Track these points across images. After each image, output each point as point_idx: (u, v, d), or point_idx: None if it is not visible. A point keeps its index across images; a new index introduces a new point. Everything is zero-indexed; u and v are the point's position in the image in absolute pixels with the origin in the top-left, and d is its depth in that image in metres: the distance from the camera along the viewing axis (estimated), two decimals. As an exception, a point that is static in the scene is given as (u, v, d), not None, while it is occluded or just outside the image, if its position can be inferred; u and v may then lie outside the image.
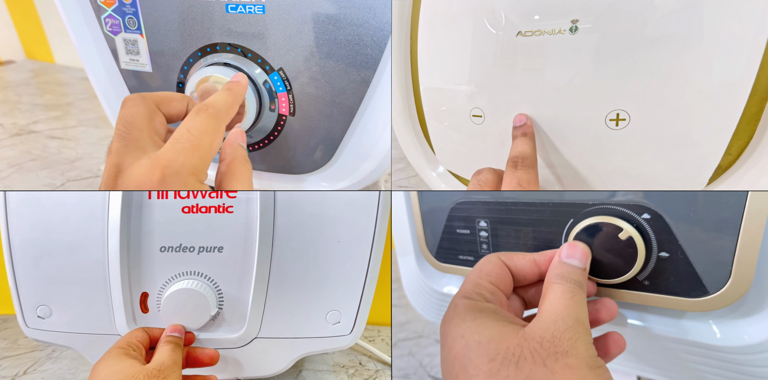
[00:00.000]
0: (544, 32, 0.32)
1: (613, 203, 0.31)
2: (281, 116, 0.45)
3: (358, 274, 0.46)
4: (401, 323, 0.72)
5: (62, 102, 1.11)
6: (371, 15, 0.39)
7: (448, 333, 0.28)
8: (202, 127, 0.33)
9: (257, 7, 0.41)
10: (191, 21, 0.44)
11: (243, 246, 0.45)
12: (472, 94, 0.38)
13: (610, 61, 0.32)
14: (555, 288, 0.28)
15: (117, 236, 0.44)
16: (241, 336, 0.47)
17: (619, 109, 0.33)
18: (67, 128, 0.95)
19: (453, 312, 0.29)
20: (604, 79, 0.32)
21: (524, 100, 0.36)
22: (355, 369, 0.59)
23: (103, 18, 0.47)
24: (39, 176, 0.73)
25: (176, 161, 0.32)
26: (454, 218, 0.42)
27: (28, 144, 0.85)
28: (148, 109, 0.34)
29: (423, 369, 0.62)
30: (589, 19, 0.31)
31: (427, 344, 0.67)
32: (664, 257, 0.30)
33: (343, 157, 0.47)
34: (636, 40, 0.31)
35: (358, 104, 0.43)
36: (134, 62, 0.49)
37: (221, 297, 0.46)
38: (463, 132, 0.42)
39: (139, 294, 0.46)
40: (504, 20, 0.34)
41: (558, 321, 0.26)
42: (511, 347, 0.25)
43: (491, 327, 0.26)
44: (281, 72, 0.43)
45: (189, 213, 0.45)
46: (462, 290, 0.31)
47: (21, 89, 1.21)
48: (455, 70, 0.39)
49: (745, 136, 0.33)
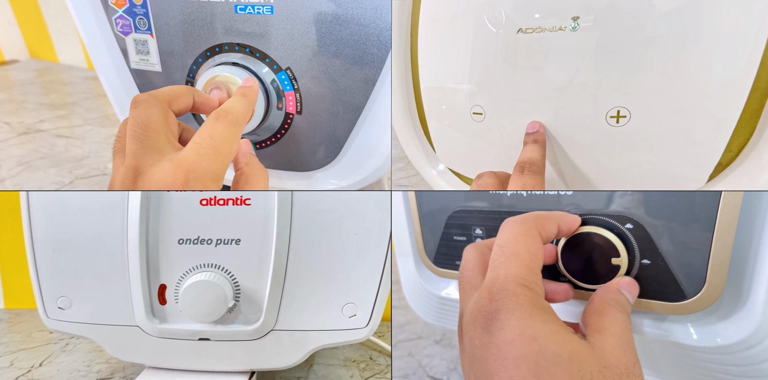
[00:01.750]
0: (545, 29, 0.32)
1: (600, 214, 0.33)
2: (288, 114, 0.46)
3: (376, 267, 0.47)
4: (401, 324, 0.73)
5: (67, 101, 1.12)
6: (377, 15, 0.40)
7: (506, 324, 0.25)
8: (223, 134, 0.34)
9: (266, 7, 0.42)
10: (201, 21, 0.45)
11: (260, 239, 0.46)
12: (473, 93, 0.39)
13: (610, 58, 0.32)
14: (617, 314, 0.28)
15: (136, 228, 0.45)
16: (258, 328, 0.47)
17: (620, 106, 0.33)
18: (73, 127, 0.96)
19: (513, 302, 0.26)
20: (604, 77, 0.32)
21: (525, 98, 0.36)
22: (366, 364, 0.60)
23: (114, 19, 0.49)
24: (48, 174, 0.74)
25: (200, 166, 0.32)
26: (451, 225, 0.43)
27: (36, 142, 0.86)
28: (162, 109, 0.35)
29: (422, 370, 0.63)
30: (590, 17, 0.32)
31: (426, 345, 0.68)
32: (646, 264, 0.32)
33: (348, 155, 0.48)
34: (637, 38, 0.31)
35: (363, 103, 0.44)
36: (144, 62, 0.50)
37: (238, 290, 0.47)
38: (464, 130, 0.42)
39: (158, 286, 0.47)
40: (504, 18, 0.34)
41: (627, 352, 0.26)
42: (595, 372, 0.24)
43: (570, 340, 0.25)
44: (288, 71, 0.44)
45: (207, 206, 0.46)
46: (516, 274, 0.27)
47: (26, 88, 1.22)
48: (456, 69, 0.40)
49: (746, 132, 0.33)
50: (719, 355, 0.31)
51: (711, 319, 0.32)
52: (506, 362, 0.24)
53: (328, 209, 0.46)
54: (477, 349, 0.26)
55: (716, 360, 0.32)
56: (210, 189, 0.33)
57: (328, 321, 0.48)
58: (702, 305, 0.30)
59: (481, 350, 0.26)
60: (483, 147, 0.43)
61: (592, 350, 0.26)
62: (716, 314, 0.32)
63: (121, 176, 0.33)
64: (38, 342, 0.65)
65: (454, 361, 0.64)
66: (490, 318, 0.26)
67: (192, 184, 0.32)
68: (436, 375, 0.61)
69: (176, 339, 0.48)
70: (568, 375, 0.24)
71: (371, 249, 0.46)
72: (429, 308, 0.51)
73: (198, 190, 0.33)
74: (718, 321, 0.32)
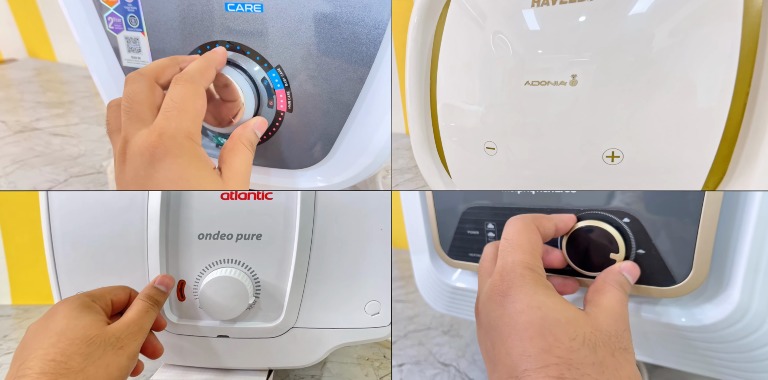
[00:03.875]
0: (549, 83, 0.38)
1: (601, 209, 0.37)
2: (279, 112, 0.47)
3: (389, 259, 0.46)
4: (410, 316, 0.77)
5: (64, 100, 1.13)
6: (367, 13, 0.40)
7: (516, 298, 0.31)
8: (181, 93, 0.37)
9: (255, 5, 0.42)
10: (191, 19, 0.45)
11: (282, 234, 0.44)
12: (489, 134, 0.44)
13: (604, 107, 0.37)
14: (614, 292, 0.33)
15: (156, 223, 0.44)
16: (278, 325, 0.46)
17: (614, 147, 0.37)
18: (69, 125, 0.96)
19: (520, 281, 0.32)
20: (599, 122, 0.37)
21: (531, 137, 0.41)
22: (381, 362, 0.60)
23: (105, 16, 0.49)
24: (43, 172, 0.74)
25: (169, 127, 0.36)
26: (465, 221, 0.47)
27: (32, 141, 0.86)
28: (148, 83, 0.38)
29: (433, 357, 0.65)
30: (587, 75, 0.36)
31: (435, 335, 0.71)
32: (641, 253, 0.36)
33: (340, 152, 0.48)
34: (626, 89, 0.35)
35: (354, 100, 0.44)
36: (136, 59, 0.50)
37: (258, 286, 0.46)
38: (475, 157, 0.46)
39: (177, 282, 0.46)
40: (514, 71, 0.40)
41: (618, 321, 0.31)
42: (587, 333, 0.29)
43: (567, 309, 0.30)
44: (279, 69, 0.44)
45: (228, 200, 0.44)
46: (521, 260, 0.33)
47: (24, 87, 1.22)
48: (471, 110, 0.45)
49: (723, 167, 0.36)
50: (704, 333, 0.36)
51: (697, 302, 0.36)
52: (517, 327, 0.30)
53: (353, 203, 0.45)
54: (493, 320, 0.32)
55: (702, 338, 0.36)
56: (187, 147, 0.36)
57: (350, 319, 0.47)
58: (689, 289, 0.34)
59: (496, 320, 0.31)
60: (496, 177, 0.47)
61: (587, 317, 0.30)
62: (702, 297, 0.36)
63: (117, 147, 0.37)
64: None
65: (461, 350, 0.67)
66: (502, 295, 0.32)
67: (168, 144, 0.35)
68: (446, 361, 0.64)
69: (194, 336, 0.47)
70: (565, 334, 0.29)
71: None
72: (441, 298, 0.55)
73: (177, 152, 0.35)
74: (704, 303, 0.36)
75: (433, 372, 0.61)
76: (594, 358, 0.28)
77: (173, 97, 0.37)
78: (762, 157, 0.33)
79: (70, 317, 0.36)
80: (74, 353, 0.34)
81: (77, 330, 0.35)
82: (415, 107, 0.50)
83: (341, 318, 0.47)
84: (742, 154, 0.35)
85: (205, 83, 0.39)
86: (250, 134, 0.42)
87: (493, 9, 0.40)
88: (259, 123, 0.43)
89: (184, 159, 0.36)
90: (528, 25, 0.38)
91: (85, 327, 0.35)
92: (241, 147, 0.40)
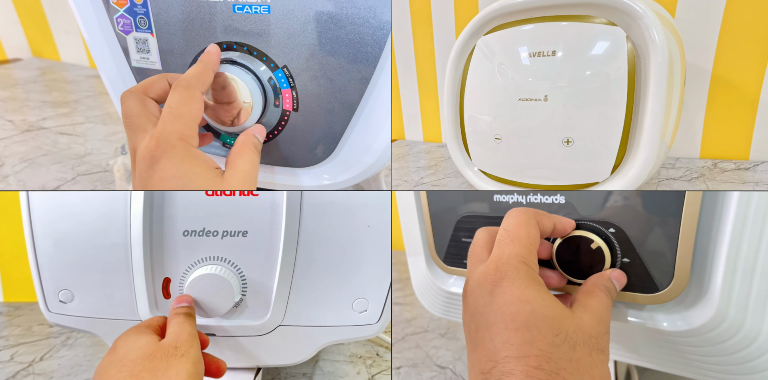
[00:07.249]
0: (532, 100, 0.55)
1: (588, 220, 0.40)
2: (285, 112, 0.48)
3: (389, 261, 0.45)
4: (408, 319, 0.77)
5: (69, 99, 1.14)
6: (371, 14, 0.41)
7: (507, 290, 0.32)
8: (177, 99, 0.39)
9: (263, 7, 0.43)
10: (199, 21, 0.46)
11: (268, 231, 0.44)
12: (494, 127, 0.61)
13: (564, 113, 0.54)
14: (602, 296, 0.35)
15: (140, 220, 0.44)
16: (265, 323, 0.46)
17: (569, 136, 0.54)
18: (75, 124, 0.97)
19: (515, 274, 0.33)
20: (560, 122, 0.54)
21: (524, 132, 0.58)
22: (373, 361, 0.60)
23: (115, 18, 0.50)
24: (50, 170, 0.75)
25: (164, 131, 0.38)
26: (460, 229, 0.49)
27: (39, 140, 0.87)
28: (138, 97, 0.41)
29: (430, 359, 0.65)
30: (553, 95, 0.54)
31: (432, 338, 0.71)
32: (626, 262, 0.39)
33: (344, 151, 0.49)
34: (578, 104, 0.53)
35: (358, 100, 0.45)
36: (144, 60, 0.51)
37: (245, 284, 0.45)
38: (488, 146, 0.62)
39: (162, 280, 0.46)
40: (513, 91, 0.57)
41: (600, 324, 0.33)
42: (570, 331, 0.31)
43: (555, 307, 0.32)
44: (285, 69, 0.45)
45: (213, 197, 0.44)
46: (518, 253, 0.34)
47: (29, 87, 1.23)
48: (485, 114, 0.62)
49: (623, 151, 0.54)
50: (687, 338, 0.38)
51: (679, 308, 0.39)
52: (504, 316, 0.31)
53: (339, 200, 0.44)
54: (480, 306, 0.33)
55: (685, 342, 0.39)
56: (180, 148, 0.37)
57: (338, 317, 0.46)
58: (671, 296, 0.37)
59: (483, 306, 0.33)
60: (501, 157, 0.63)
61: (573, 316, 0.32)
62: (683, 303, 0.38)
63: (131, 161, 0.40)
64: (38, 336, 0.65)
65: (458, 352, 0.67)
66: (494, 284, 0.33)
67: (163, 147, 0.37)
68: (443, 364, 0.64)
69: (181, 335, 0.47)
70: (550, 330, 0.30)
71: (386, 242, 0.44)
72: (436, 302, 0.55)
73: (171, 154, 0.37)
74: (685, 309, 0.38)
75: (430, 374, 0.61)
76: (572, 355, 0.30)
77: (170, 103, 0.39)
78: (642, 145, 0.51)
79: (127, 344, 0.39)
80: (141, 371, 0.36)
81: (136, 352, 0.37)
82: (450, 117, 0.67)
83: (329, 315, 0.46)
84: (633, 144, 0.52)
85: (201, 87, 0.41)
86: (253, 139, 0.44)
87: (501, 52, 0.58)
88: (258, 129, 0.45)
89: (177, 158, 0.37)
90: (522, 62, 0.56)
91: (143, 347, 0.38)
92: (246, 149, 0.42)
